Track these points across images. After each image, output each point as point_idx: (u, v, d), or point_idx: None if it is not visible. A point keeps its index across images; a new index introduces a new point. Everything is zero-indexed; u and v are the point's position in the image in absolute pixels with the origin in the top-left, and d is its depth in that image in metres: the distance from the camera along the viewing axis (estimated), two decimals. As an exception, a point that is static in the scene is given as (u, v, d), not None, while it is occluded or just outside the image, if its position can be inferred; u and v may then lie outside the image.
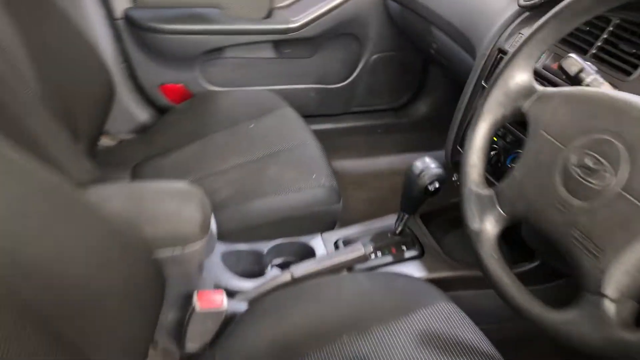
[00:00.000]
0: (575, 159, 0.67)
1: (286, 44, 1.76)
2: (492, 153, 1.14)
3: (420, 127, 2.06)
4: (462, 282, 1.17)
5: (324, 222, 1.27)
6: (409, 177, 1.13)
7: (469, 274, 1.17)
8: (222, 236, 1.16)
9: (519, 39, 1.10)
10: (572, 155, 0.67)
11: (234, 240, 1.19)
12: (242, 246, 1.19)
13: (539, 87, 0.76)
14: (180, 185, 0.98)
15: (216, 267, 1.12)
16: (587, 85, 0.80)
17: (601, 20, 0.98)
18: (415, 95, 2.05)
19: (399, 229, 1.21)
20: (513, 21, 1.13)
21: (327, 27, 1.73)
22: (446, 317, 0.91)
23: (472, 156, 0.81)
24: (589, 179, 0.64)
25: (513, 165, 1.08)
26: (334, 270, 1.09)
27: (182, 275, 0.93)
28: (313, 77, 1.87)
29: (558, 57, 1.02)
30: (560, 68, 0.82)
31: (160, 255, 0.88)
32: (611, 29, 0.96)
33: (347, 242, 1.22)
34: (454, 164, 1.26)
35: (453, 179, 1.27)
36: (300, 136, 1.45)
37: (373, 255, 1.16)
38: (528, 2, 1.09)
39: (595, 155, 0.65)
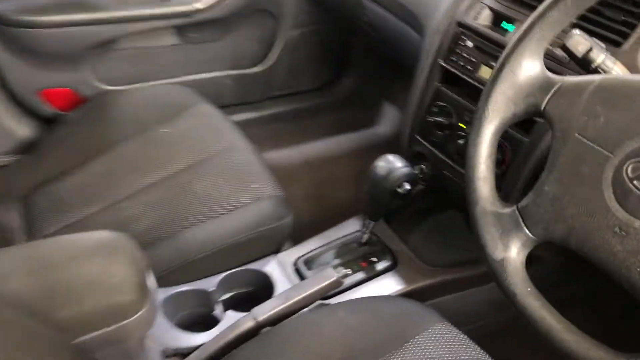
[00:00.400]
0: (630, 169, 0.53)
1: (192, 27, 1.50)
2: (459, 141, 1.00)
3: (348, 105, 1.91)
4: (441, 288, 1.05)
5: (276, 241, 1.08)
6: (374, 180, 0.97)
7: (446, 278, 1.05)
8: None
9: (481, 9, 0.96)
10: (625, 165, 0.54)
11: (170, 283, 0.98)
12: (183, 288, 0.98)
13: (557, 77, 0.62)
14: (100, 236, 0.76)
15: (158, 324, 0.90)
16: (598, 67, 0.67)
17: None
18: (339, 72, 1.88)
19: (366, 238, 1.05)
20: (471, -11, 0.98)
21: (237, 4, 1.49)
22: (444, 340, 0.79)
23: (480, 167, 0.66)
24: (654, 196, 0.52)
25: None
26: (305, 304, 0.91)
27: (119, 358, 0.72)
28: (226, 62, 1.63)
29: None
30: (564, 49, 0.68)
31: (86, 339, 0.66)
32: None
33: (309, 262, 1.05)
34: (413, 155, 1.11)
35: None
36: (228, 137, 1.23)
37: (346, 275, 1.00)
38: (490, -34, 0.95)
39: (657, 164, 0.52)
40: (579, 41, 0.67)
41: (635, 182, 0.53)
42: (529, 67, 0.64)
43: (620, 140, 0.54)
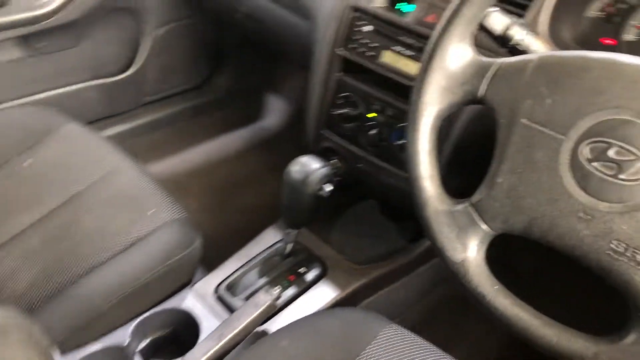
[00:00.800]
0: (587, 150, 0.51)
1: (39, 36, 1.28)
2: (371, 132, 0.96)
3: (229, 101, 1.79)
4: (374, 285, 1.01)
5: (189, 271, 0.96)
6: (292, 187, 0.89)
7: (378, 274, 1.01)
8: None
9: (376, -9, 0.91)
10: (581, 147, 0.51)
11: (74, 346, 0.82)
12: (92, 349, 0.83)
13: (492, 60, 0.58)
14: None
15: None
16: (517, 44, 0.65)
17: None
18: (215, 68, 1.75)
19: (289, 249, 0.97)
20: (362, -30, 0.92)
21: (89, 5, 1.30)
22: (396, 344, 0.75)
23: (422, 165, 0.61)
24: (617, 174, 0.50)
25: (400, 142, 0.92)
26: (241, 339, 0.81)
27: None
28: (87, 71, 1.43)
29: (432, 9, 0.86)
30: (482, 28, 0.65)
31: None
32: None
33: (232, 287, 0.94)
34: (323, 151, 1.05)
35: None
36: (107, 159, 1.07)
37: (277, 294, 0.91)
38: (380, -55, 0.89)
39: (615, 141, 0.50)
40: (498, 19, 0.64)
41: (594, 163, 0.51)
42: (459, 52, 0.59)
43: (572, 121, 0.52)
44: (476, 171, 0.62)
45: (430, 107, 0.60)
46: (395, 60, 0.90)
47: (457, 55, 0.59)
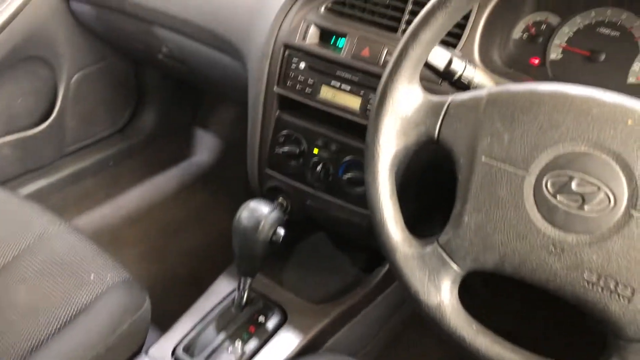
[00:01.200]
0: (550, 184, 0.52)
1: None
2: (316, 168, 0.94)
3: (156, 140, 1.72)
4: (336, 324, 0.98)
5: (140, 337, 0.90)
6: (244, 235, 0.85)
7: (338, 311, 0.98)
8: None
9: (307, 27, 0.90)
10: (543, 181, 0.52)
11: None
12: None
13: (442, 98, 0.58)
14: None
15: None
16: (460, 77, 0.66)
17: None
18: (138, 108, 1.67)
19: (245, 298, 0.93)
20: (291, 7, 0.91)
21: (-5, 56, 1.20)
22: None
23: (385, 210, 0.59)
24: (582, 206, 0.51)
25: (347, 176, 0.91)
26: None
27: None
28: (-1, 127, 1.32)
29: (365, 43, 0.86)
30: (426, 65, 0.65)
31: None
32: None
33: (190, 348, 0.88)
34: (268, 191, 1.01)
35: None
36: (34, 223, 0.99)
37: (239, 349, 0.87)
38: (308, -18, 0.88)
39: (575, 173, 0.51)
40: (439, 54, 0.65)
41: (558, 196, 0.51)
42: (410, 94, 0.59)
43: (532, 155, 0.52)
44: (435, 207, 0.61)
45: (386, 151, 0.59)
46: (333, 95, 0.89)
47: (407, 97, 0.59)
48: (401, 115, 0.59)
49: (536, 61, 0.86)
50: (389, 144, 0.59)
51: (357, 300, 1.01)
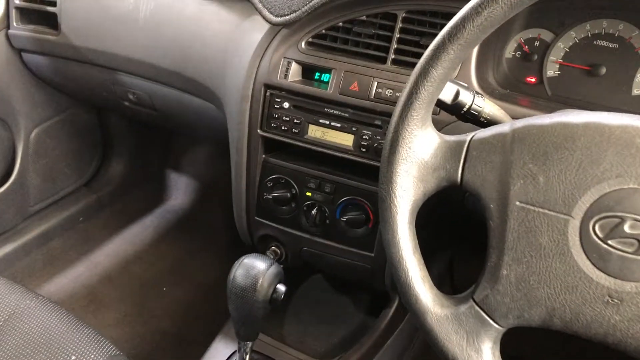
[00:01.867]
0: (599, 228, 0.46)
1: None
2: (312, 212, 0.87)
3: (128, 190, 1.62)
4: None
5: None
6: (240, 296, 0.77)
7: None
8: None
9: (288, 65, 0.83)
10: (590, 225, 0.46)
11: None
12: None
13: (460, 138, 0.52)
14: None
15: None
16: (470, 109, 0.60)
17: (385, 17, 0.79)
18: (105, 157, 1.58)
19: (247, 362, 0.84)
20: (269, 44, 0.84)
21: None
22: None
23: (411, 268, 0.53)
24: (638, 251, 0.45)
25: (346, 218, 0.85)
26: None
27: None
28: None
29: (352, 77, 0.80)
30: (432, 98, 0.59)
31: None
32: (401, 25, 0.78)
33: None
34: (260, 240, 0.94)
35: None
36: (6, 299, 0.89)
37: None
38: (284, 17, 0.82)
39: (628, 214, 0.45)
40: (447, 87, 0.59)
41: (609, 241, 0.46)
42: (423, 136, 0.53)
43: (574, 197, 0.47)
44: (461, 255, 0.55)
45: (404, 202, 0.52)
46: (323, 133, 0.83)
47: (422, 140, 0.53)
48: (417, 160, 0.52)
49: (533, 79, 0.81)
50: (406, 194, 0.52)
51: (366, 349, 0.93)
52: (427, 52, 0.51)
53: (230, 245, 1.35)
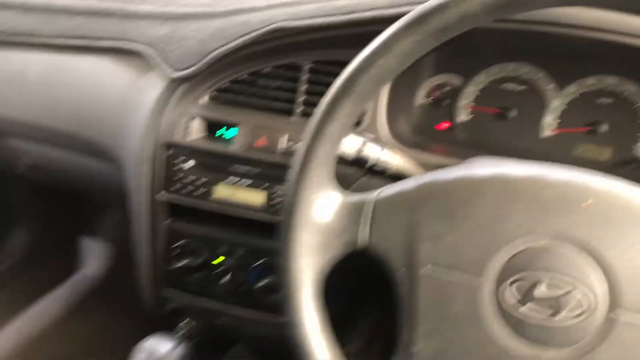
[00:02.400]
0: (513, 291, 0.42)
1: None
2: (223, 280, 0.79)
3: (34, 261, 1.47)
4: None
5: None
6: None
7: None
8: None
9: (189, 121, 0.77)
10: (503, 288, 0.42)
11: None
12: None
13: (362, 197, 0.47)
14: None
15: None
16: (376, 163, 0.56)
17: (290, 69, 0.75)
18: (5, 230, 1.43)
19: None
20: (168, 100, 0.78)
21: None
22: None
23: (319, 349, 0.46)
24: (557, 312, 0.41)
25: (262, 284, 0.78)
26: None
27: None
28: None
29: (260, 131, 0.75)
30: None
31: None
32: (308, 75, 0.74)
33: None
34: (169, 315, 0.85)
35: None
36: None
37: None
38: (182, 71, 0.76)
39: (541, 275, 0.41)
40: (349, 141, 0.55)
41: (525, 306, 0.41)
42: (326, 197, 0.47)
43: (484, 257, 0.42)
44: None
45: (307, 275, 0.46)
46: (231, 193, 0.77)
47: (324, 203, 0.47)
48: (319, 226, 0.47)
49: (446, 125, 0.79)
50: (310, 264, 0.47)
51: None
52: (320, 108, 0.46)
53: (144, 317, 1.24)
